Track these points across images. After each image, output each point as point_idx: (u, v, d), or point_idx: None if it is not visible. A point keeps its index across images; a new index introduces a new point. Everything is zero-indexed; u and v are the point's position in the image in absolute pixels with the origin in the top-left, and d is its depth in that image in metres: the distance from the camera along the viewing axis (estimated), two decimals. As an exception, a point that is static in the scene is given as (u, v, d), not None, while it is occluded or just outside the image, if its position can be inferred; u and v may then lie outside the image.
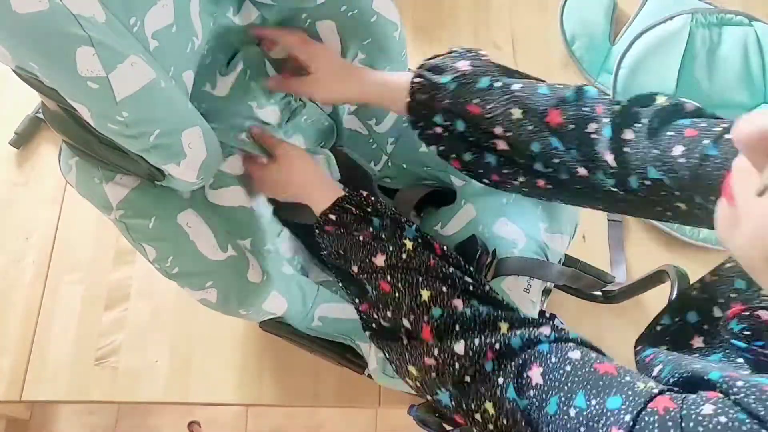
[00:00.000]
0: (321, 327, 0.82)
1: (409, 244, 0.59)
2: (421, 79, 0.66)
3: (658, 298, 0.73)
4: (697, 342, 0.53)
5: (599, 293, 0.95)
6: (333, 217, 0.63)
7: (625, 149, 0.57)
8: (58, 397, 0.96)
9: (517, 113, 0.61)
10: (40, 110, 1.10)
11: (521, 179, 0.65)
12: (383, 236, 0.60)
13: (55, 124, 0.57)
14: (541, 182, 0.64)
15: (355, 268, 0.61)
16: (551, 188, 0.64)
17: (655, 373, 0.50)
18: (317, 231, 0.65)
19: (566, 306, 0.99)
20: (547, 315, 0.91)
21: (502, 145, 0.64)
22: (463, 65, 0.65)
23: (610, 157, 0.57)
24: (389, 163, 0.91)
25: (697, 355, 0.52)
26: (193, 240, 0.64)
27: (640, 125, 0.57)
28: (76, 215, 1.06)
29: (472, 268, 0.59)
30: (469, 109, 0.63)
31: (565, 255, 0.92)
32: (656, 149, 0.55)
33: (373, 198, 0.63)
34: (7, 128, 1.10)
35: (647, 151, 0.56)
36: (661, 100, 0.59)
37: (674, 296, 0.70)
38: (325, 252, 0.65)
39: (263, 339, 0.96)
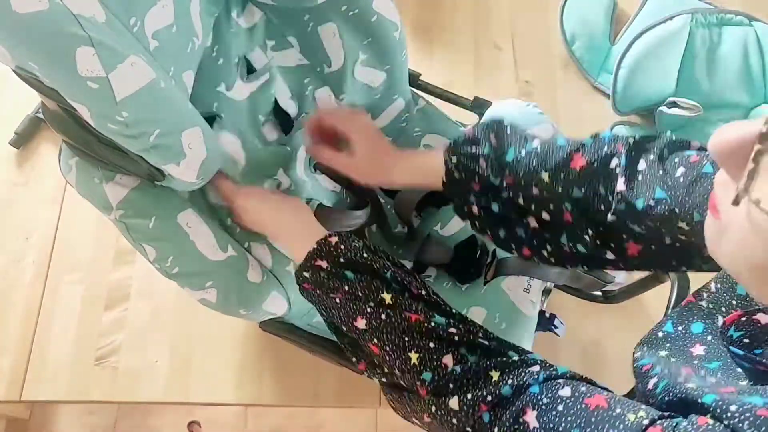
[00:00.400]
0: (322, 324, 0.82)
1: (387, 298, 0.59)
2: (457, 158, 0.67)
3: (658, 298, 0.73)
4: (698, 350, 0.53)
5: (599, 293, 0.95)
6: (307, 275, 0.63)
7: (639, 177, 0.59)
8: (58, 397, 0.96)
9: (545, 176, 0.63)
10: (40, 110, 1.10)
11: (549, 248, 0.67)
12: (359, 294, 0.60)
13: (55, 124, 0.57)
14: (566, 250, 0.66)
15: (343, 328, 0.61)
16: (576, 255, 0.66)
17: (649, 386, 0.50)
18: (299, 288, 0.65)
19: (566, 306, 0.99)
20: (548, 315, 0.91)
21: (533, 222, 0.67)
22: (493, 138, 0.67)
23: (620, 182, 0.59)
24: None
25: (696, 362, 0.52)
26: (193, 240, 0.64)
27: (652, 156, 0.59)
28: (76, 215, 1.06)
29: (452, 308, 0.59)
30: (506, 180, 0.65)
31: (565, 255, 0.92)
32: (662, 171, 0.57)
33: (342, 245, 0.62)
34: (7, 128, 1.10)
35: (655, 174, 0.57)
36: (669, 134, 0.61)
37: (674, 297, 0.70)
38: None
39: (263, 339, 0.96)
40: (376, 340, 0.57)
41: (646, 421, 0.41)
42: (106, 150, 0.56)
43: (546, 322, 0.90)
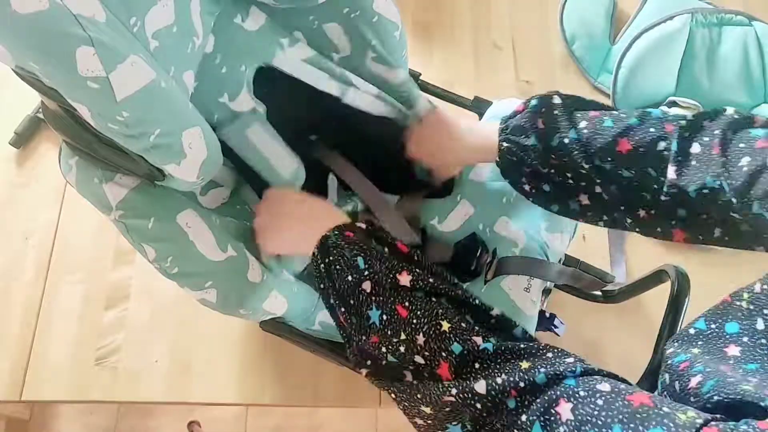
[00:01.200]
0: (321, 330, 0.82)
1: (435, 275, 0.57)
2: (508, 144, 0.72)
3: (658, 298, 0.73)
4: (733, 350, 0.51)
5: (599, 293, 0.95)
6: (362, 225, 0.61)
7: (692, 162, 0.58)
8: (58, 397, 0.96)
9: (586, 165, 0.66)
10: (40, 110, 1.10)
11: (605, 218, 0.70)
12: (412, 256, 0.58)
13: (55, 123, 0.57)
14: (620, 223, 0.68)
15: (366, 286, 0.56)
16: (630, 227, 0.68)
17: (692, 384, 0.47)
18: (331, 238, 0.60)
19: (566, 306, 0.99)
20: (548, 315, 0.91)
21: (584, 200, 0.69)
22: (540, 123, 0.70)
23: (671, 170, 0.59)
24: None
25: (731, 362, 0.49)
26: (193, 240, 0.64)
27: (708, 138, 0.58)
28: (76, 215, 1.06)
29: (495, 310, 0.56)
30: (552, 163, 0.69)
31: (565, 255, 0.92)
32: (723, 158, 0.56)
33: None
34: (7, 128, 1.10)
35: (712, 162, 0.57)
36: (730, 111, 0.60)
37: (674, 296, 0.70)
38: (328, 271, 0.59)
39: (263, 339, 0.96)
40: (407, 303, 0.54)
41: (699, 421, 0.38)
42: (106, 150, 0.56)
43: (546, 322, 0.90)
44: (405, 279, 0.55)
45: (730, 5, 1.22)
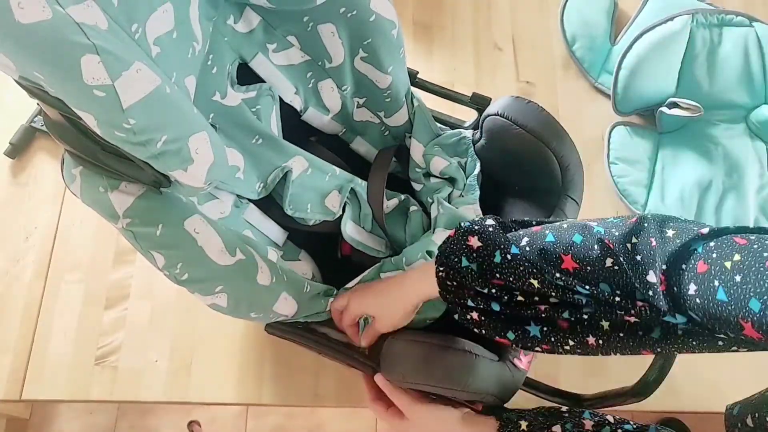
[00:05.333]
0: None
1: None
2: (443, 269, 0.66)
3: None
4: None
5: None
6: None
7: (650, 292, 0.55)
8: (58, 396, 0.96)
9: (535, 282, 0.60)
10: (34, 120, 1.08)
11: (571, 343, 0.63)
12: None
13: (57, 133, 0.57)
14: (591, 340, 0.62)
15: None
16: (602, 342, 0.62)
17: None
18: None
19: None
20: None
21: (543, 309, 0.63)
22: (474, 241, 0.64)
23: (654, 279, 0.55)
24: None
25: None
26: (201, 246, 0.63)
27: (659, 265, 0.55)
28: (76, 215, 1.06)
29: None
30: (494, 283, 0.63)
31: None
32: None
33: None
34: (2, 137, 1.08)
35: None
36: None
37: None
38: None
39: (263, 339, 0.96)
40: None
41: None
42: (109, 158, 0.56)
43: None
44: None
45: (731, 6, 1.22)
